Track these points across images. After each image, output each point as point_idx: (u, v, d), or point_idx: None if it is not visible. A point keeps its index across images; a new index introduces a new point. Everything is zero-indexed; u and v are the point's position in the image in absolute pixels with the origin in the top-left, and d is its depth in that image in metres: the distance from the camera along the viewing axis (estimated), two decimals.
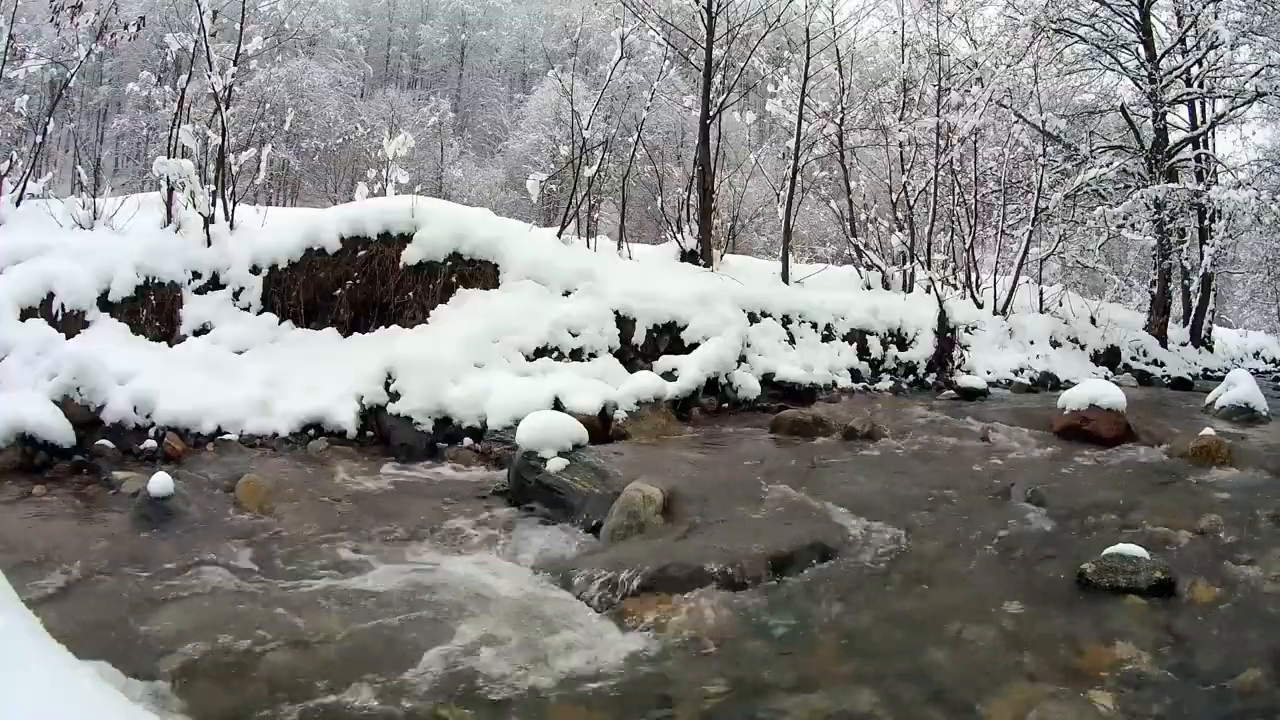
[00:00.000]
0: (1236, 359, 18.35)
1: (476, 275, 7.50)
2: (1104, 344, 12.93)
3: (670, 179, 12.63)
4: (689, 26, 11.66)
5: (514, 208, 24.33)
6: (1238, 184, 14.28)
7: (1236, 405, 7.98)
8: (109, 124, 38.08)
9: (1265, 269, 23.04)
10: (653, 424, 6.28)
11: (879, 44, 16.28)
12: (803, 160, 12.06)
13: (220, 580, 3.36)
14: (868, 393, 9.09)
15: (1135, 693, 2.61)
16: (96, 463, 4.80)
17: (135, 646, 2.74)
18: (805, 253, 16.16)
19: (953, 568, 3.66)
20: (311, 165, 35.12)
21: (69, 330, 5.80)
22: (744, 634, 3.01)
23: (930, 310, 10.35)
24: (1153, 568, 3.36)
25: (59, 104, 8.84)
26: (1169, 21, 15.45)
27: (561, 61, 23.80)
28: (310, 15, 29.81)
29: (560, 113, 26.33)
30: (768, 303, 9.12)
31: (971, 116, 12.61)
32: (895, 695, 2.61)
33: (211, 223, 6.98)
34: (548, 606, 3.19)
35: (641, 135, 11.07)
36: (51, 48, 8.94)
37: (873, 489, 4.79)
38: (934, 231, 13.17)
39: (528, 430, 4.65)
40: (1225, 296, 25.89)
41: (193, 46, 7.69)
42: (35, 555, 3.46)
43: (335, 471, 5.10)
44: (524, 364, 6.82)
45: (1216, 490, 4.87)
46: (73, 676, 1.51)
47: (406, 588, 3.32)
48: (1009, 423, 6.98)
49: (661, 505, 4.02)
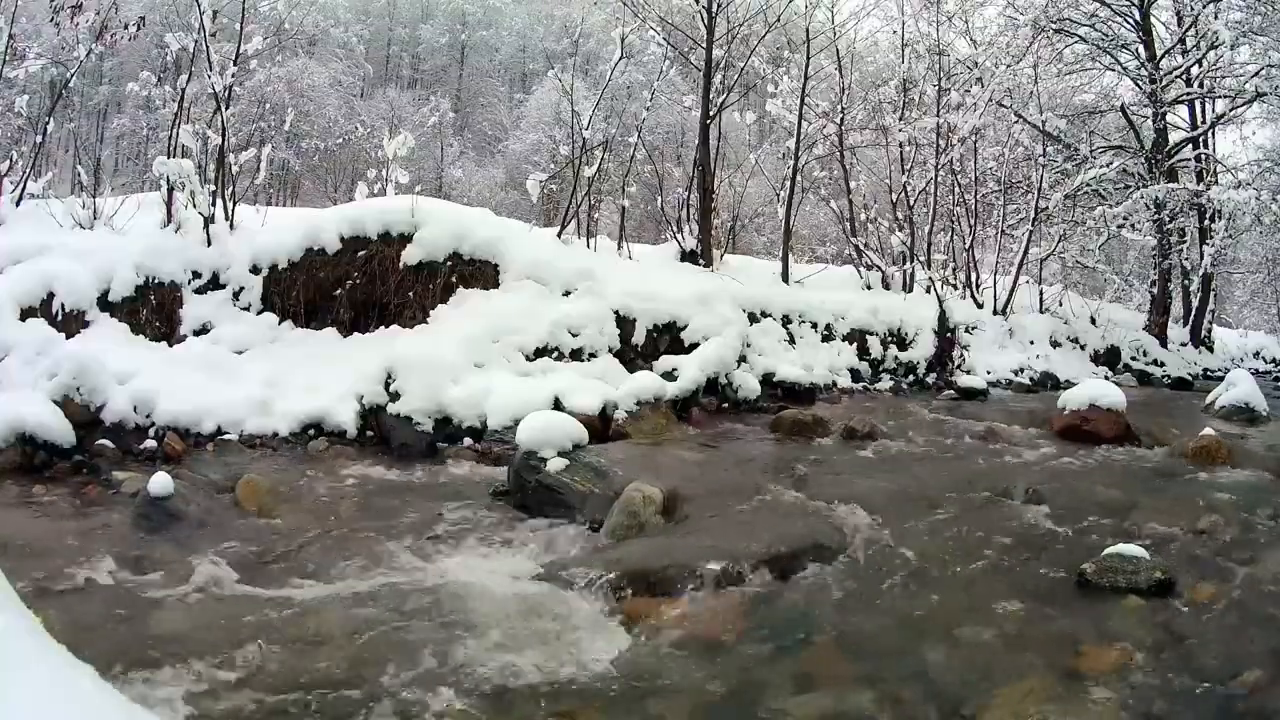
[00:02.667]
0: (1236, 359, 18.35)
1: (476, 275, 7.50)
2: (1104, 344, 12.93)
3: (670, 179, 12.62)
4: (689, 26, 11.67)
5: (514, 208, 24.33)
6: (1238, 184, 14.29)
7: (1236, 405, 7.99)
8: (109, 124, 38.06)
9: (1265, 269, 23.05)
10: (653, 424, 6.28)
11: (879, 44, 16.29)
12: (803, 160, 12.06)
13: (220, 580, 3.36)
14: (868, 393, 9.09)
15: (1135, 693, 2.61)
16: (96, 463, 4.79)
17: (135, 646, 2.74)
18: (805, 253, 16.17)
19: (952, 567, 3.65)
20: (311, 165, 35.13)
21: (69, 330, 5.79)
22: (744, 634, 3.01)
23: (930, 310, 10.35)
24: (1153, 568, 3.36)
25: (59, 104, 8.84)
26: (1169, 21, 15.46)
27: (561, 61, 23.79)
28: (310, 15, 29.81)
29: (560, 113, 26.31)
30: (768, 303, 9.12)
31: (971, 116, 12.61)
32: (895, 695, 2.61)
33: (211, 223, 6.98)
34: (548, 606, 3.18)
35: (641, 135, 11.07)
36: (51, 48, 8.94)
37: (872, 489, 4.78)
38: (934, 231, 13.18)
39: (528, 430, 4.64)
40: (1225, 296, 25.90)
41: (193, 46, 7.69)
42: (35, 555, 3.46)
43: (335, 471, 5.10)
44: (524, 364, 6.82)
45: (1216, 490, 4.87)
46: (73, 676, 1.51)
47: (406, 588, 3.32)
48: (1009, 423, 6.98)
49: (661, 505, 4.02)
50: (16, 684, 1.33)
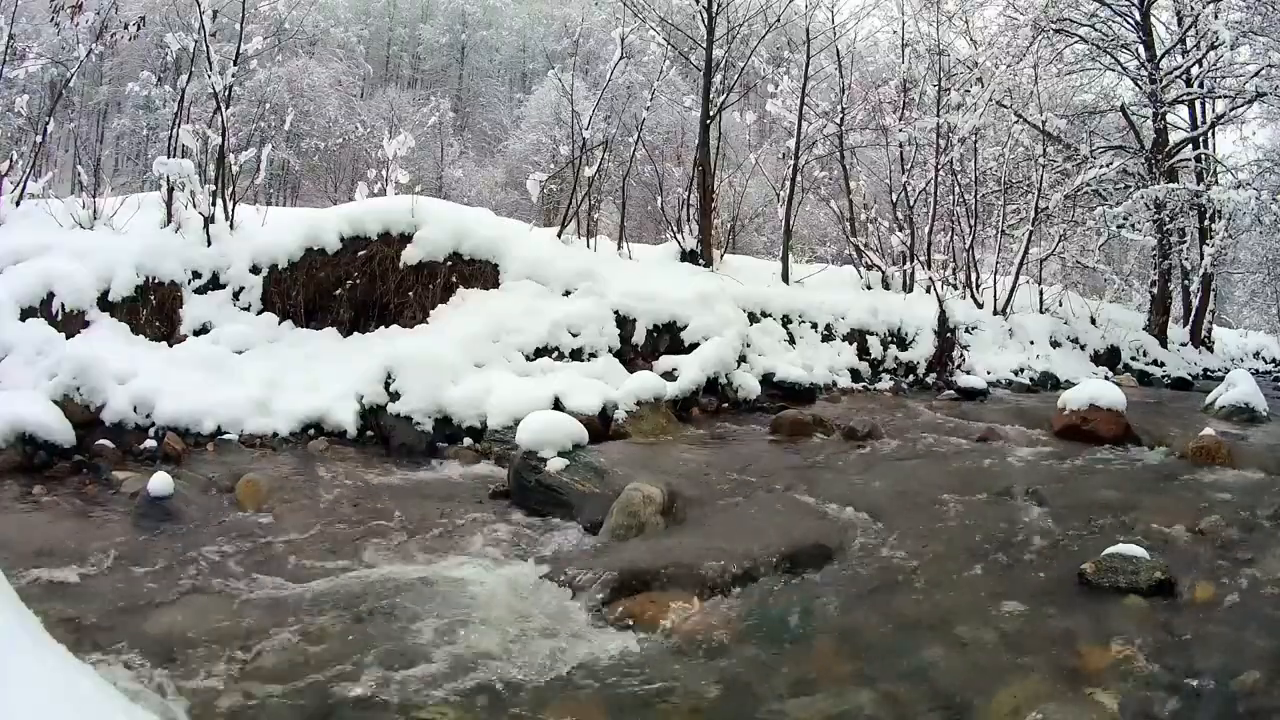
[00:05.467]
0: (1236, 359, 18.36)
1: (476, 275, 7.50)
2: (1104, 344, 12.93)
3: (670, 179, 12.62)
4: (689, 26, 11.66)
5: (514, 208, 24.34)
6: (1238, 184, 14.30)
7: (1236, 405, 7.99)
8: (109, 124, 38.07)
9: (1265, 269, 23.06)
10: (653, 424, 6.28)
11: (879, 44, 16.32)
12: (803, 160, 12.06)
13: (220, 580, 3.36)
14: (868, 393, 9.09)
15: (1135, 693, 2.61)
16: (96, 463, 4.79)
17: (135, 646, 2.74)
18: (805, 253, 16.14)
19: (952, 567, 3.65)
20: (311, 165, 35.15)
21: (69, 330, 5.79)
22: (744, 634, 3.01)
23: (930, 310, 10.35)
24: (1153, 568, 3.36)
25: (59, 104, 8.84)
26: (1169, 21, 15.46)
27: (561, 61, 23.81)
28: (310, 15, 29.80)
29: (560, 113, 26.34)
30: (768, 303, 9.13)
31: (971, 116, 12.60)
32: (895, 695, 2.61)
33: (211, 222, 6.98)
34: (547, 606, 3.18)
35: (641, 135, 11.07)
36: (51, 48, 8.95)
37: (872, 489, 4.79)
38: (934, 231, 13.16)
39: (528, 430, 4.64)
40: (1225, 296, 25.93)
41: (193, 46, 7.68)
42: (35, 555, 3.46)
43: (335, 471, 5.10)
44: (524, 364, 6.82)
45: (1216, 490, 4.87)
46: (73, 676, 1.51)
47: (406, 588, 3.32)
48: (1009, 423, 6.98)
49: (661, 505, 4.02)
50: (16, 684, 1.33)
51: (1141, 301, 16.00)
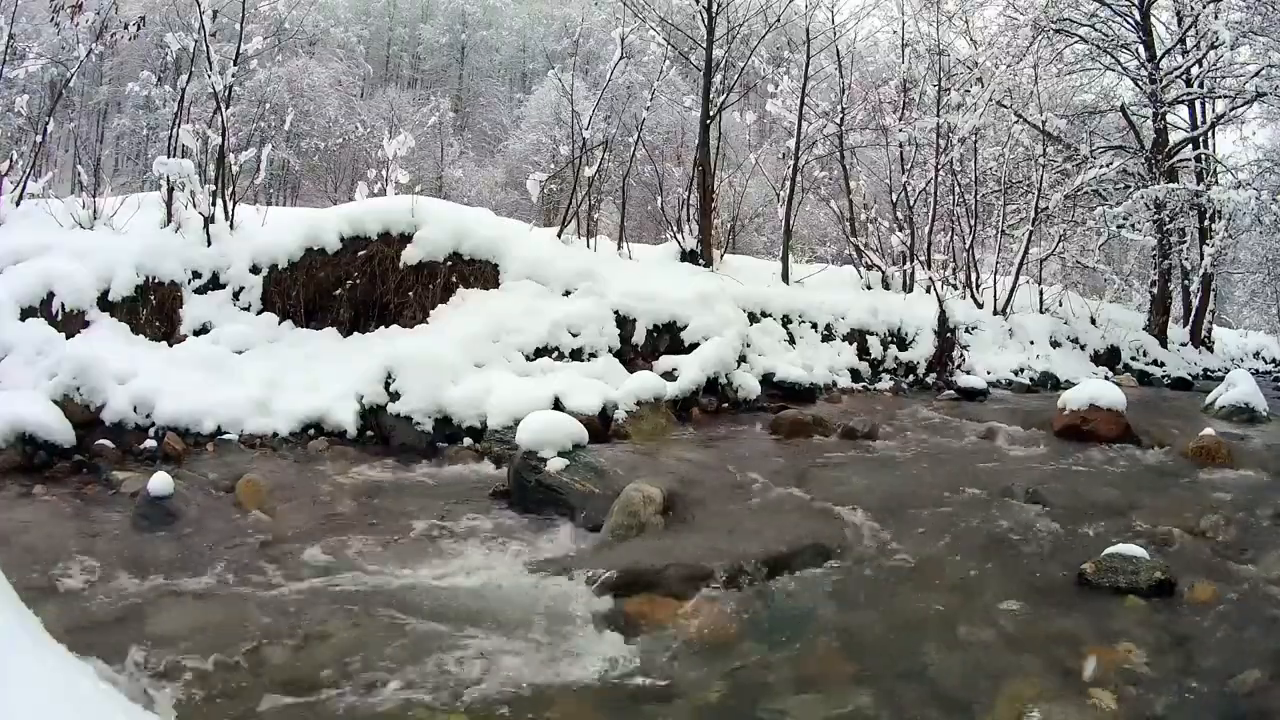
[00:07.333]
0: (1236, 359, 18.36)
1: (476, 275, 7.50)
2: (1104, 344, 12.93)
3: (670, 179, 12.62)
4: (689, 26, 11.66)
5: (514, 208, 24.33)
6: (1238, 184, 14.30)
7: (1236, 405, 8.00)
8: (109, 124, 38.06)
9: (1265, 269, 23.05)
10: (653, 424, 6.28)
11: (879, 44, 16.32)
12: (803, 160, 12.06)
13: (220, 580, 3.36)
14: (868, 393, 9.09)
15: (1135, 693, 2.61)
16: (96, 462, 4.80)
17: (134, 646, 2.74)
18: (805, 253, 16.14)
19: (952, 567, 3.66)
20: (311, 165, 35.13)
21: (69, 330, 5.79)
22: (744, 634, 3.01)
23: (930, 310, 10.35)
24: (1153, 568, 3.37)
25: (59, 104, 8.84)
26: (1169, 22, 15.46)
27: (561, 61, 23.82)
28: (310, 15, 29.80)
29: (560, 113, 26.33)
30: (768, 303, 9.13)
31: (971, 116, 12.60)
32: (895, 695, 2.61)
33: (211, 222, 6.98)
34: (547, 606, 3.18)
35: (641, 135, 11.06)
36: (51, 48, 8.95)
37: (872, 489, 4.79)
38: (934, 231, 13.17)
39: (528, 430, 4.64)
40: (1225, 296, 25.93)
41: (193, 46, 7.68)
42: (35, 555, 3.46)
43: (335, 471, 5.10)
44: (524, 364, 6.82)
45: (1216, 490, 4.88)
46: (73, 676, 1.51)
47: (406, 588, 3.32)
48: (1009, 423, 6.98)
49: (661, 505, 4.02)
50: (16, 684, 1.33)
51: (1141, 301, 16.00)
